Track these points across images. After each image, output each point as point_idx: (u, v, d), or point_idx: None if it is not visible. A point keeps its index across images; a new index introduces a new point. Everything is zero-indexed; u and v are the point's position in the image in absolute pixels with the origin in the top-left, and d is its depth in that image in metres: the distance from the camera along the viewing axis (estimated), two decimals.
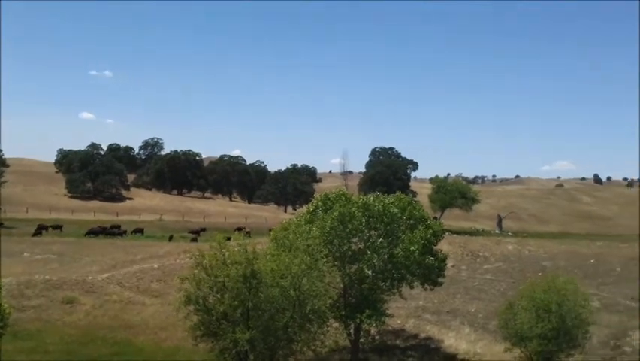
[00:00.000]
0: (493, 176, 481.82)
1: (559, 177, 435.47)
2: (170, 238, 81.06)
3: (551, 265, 51.85)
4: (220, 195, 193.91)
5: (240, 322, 25.38)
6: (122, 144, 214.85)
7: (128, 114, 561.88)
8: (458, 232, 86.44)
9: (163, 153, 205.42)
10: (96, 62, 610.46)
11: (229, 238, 28.23)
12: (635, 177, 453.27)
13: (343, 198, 34.46)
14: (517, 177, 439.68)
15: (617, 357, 35.69)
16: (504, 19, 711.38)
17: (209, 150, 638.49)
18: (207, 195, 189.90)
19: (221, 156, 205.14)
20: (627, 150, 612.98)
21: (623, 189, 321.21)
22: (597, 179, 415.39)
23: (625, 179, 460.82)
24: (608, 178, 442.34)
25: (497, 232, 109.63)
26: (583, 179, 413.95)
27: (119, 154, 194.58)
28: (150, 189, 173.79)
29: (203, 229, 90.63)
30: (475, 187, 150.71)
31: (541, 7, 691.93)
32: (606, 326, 38.75)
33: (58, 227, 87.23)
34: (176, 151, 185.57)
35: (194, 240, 77.44)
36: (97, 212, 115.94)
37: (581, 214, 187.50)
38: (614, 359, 35.59)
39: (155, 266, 54.78)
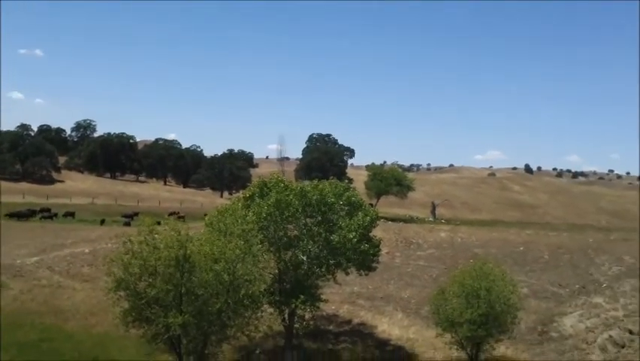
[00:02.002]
0: (428, 164, 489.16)
1: (491, 167, 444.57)
2: (102, 222, 79.54)
3: (483, 252, 52.95)
4: (154, 179, 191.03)
5: (172, 306, 25.05)
6: (53, 125, 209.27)
7: (59, 95, 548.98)
8: (393, 219, 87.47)
9: (96, 135, 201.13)
10: (26, 39, 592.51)
11: (159, 223, 27.75)
12: (564, 168, 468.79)
13: (281, 185, 34.32)
14: (451, 165, 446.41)
15: (545, 343, 36.80)
16: (438, 13, 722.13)
17: (143, 133, 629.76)
18: (141, 178, 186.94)
19: (156, 140, 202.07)
20: (558, 140, 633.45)
21: (552, 179, 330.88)
22: (528, 169, 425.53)
23: (554, 169, 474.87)
24: (539, 168, 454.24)
25: (431, 219, 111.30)
26: (514, 168, 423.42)
27: (50, 135, 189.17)
28: (82, 172, 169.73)
29: (137, 213, 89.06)
30: (410, 175, 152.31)
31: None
32: (534, 312, 39.90)
33: None
34: (109, 133, 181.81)
35: (128, 224, 76.18)
36: (26, 194, 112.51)
37: (512, 203, 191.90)
38: (541, 344, 36.69)
39: (87, 250, 53.73)
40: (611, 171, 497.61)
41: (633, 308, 39.29)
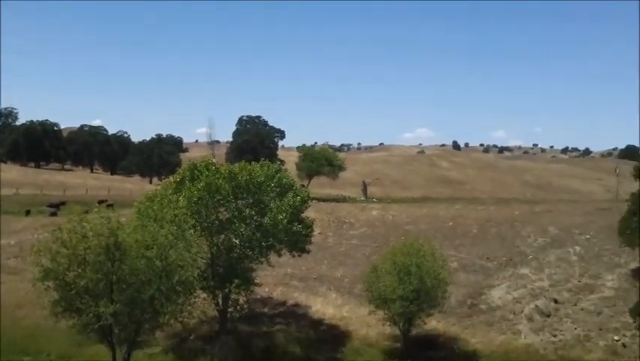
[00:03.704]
0: (359, 144, 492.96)
1: (420, 144, 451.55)
2: (28, 213, 77.18)
3: (413, 229, 53.78)
4: (81, 167, 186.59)
5: (103, 295, 24.55)
6: None
7: None
8: (325, 200, 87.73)
9: (18, 123, 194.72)
10: None
11: (87, 212, 27.08)
12: (491, 144, 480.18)
13: (213, 168, 34.05)
14: (381, 144, 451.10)
15: (474, 315, 37.79)
16: None
17: (68, 120, 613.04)
18: (67, 167, 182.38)
19: (81, 126, 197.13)
20: (485, 116, 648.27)
21: (479, 155, 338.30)
22: (455, 145, 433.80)
23: (481, 145, 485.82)
24: (466, 144, 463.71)
25: (363, 198, 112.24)
26: (443, 145, 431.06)
27: None
28: (5, 162, 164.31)
29: (63, 203, 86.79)
30: (341, 155, 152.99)
31: None
32: (463, 286, 40.89)
33: None
34: (32, 121, 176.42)
35: (54, 214, 74.20)
36: None
37: (441, 179, 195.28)
38: (471, 316, 37.67)
39: (12, 242, 52.28)
40: (535, 145, 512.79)
41: (558, 278, 40.73)
